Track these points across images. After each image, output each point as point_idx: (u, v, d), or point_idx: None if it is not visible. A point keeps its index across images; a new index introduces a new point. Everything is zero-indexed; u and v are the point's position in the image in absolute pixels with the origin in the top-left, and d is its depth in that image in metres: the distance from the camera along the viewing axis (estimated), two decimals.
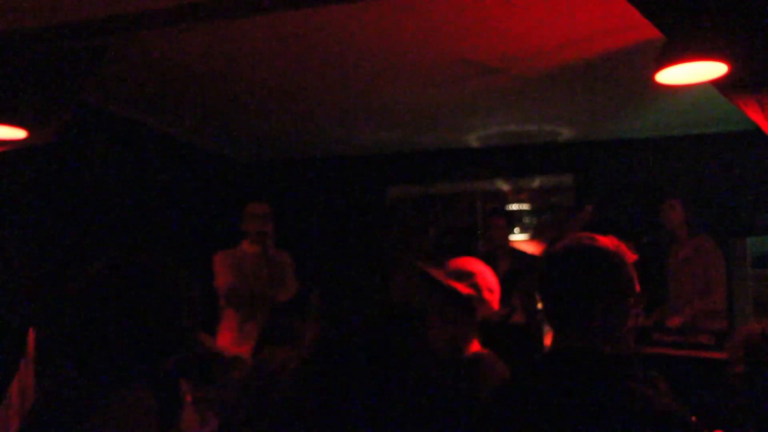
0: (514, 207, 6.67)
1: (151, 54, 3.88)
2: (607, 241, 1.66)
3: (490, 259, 5.14)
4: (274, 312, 4.44)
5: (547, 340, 5.63)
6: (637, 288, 1.68)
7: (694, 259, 4.81)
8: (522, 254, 5.13)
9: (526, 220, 6.68)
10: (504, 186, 6.65)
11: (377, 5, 3.15)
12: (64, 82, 3.16)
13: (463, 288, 2.17)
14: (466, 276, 2.21)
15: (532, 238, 6.61)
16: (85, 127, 4.61)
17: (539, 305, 5.16)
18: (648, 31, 2.87)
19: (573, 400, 1.51)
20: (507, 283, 4.91)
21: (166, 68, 4.14)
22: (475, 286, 2.19)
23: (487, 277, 2.25)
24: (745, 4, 2.48)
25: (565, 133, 6.13)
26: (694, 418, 1.52)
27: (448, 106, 5.16)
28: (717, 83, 2.72)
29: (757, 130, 2.82)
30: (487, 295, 2.20)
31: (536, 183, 6.59)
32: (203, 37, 3.64)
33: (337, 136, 6.13)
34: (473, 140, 6.30)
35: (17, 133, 3.19)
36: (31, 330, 3.36)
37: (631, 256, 1.69)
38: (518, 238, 6.57)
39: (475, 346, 2.20)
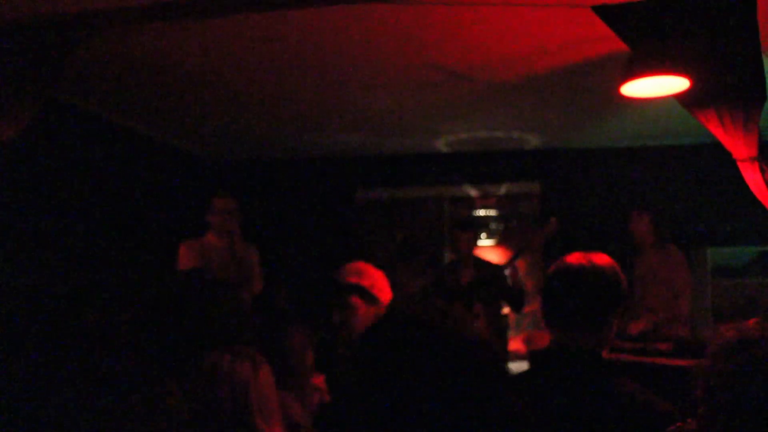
0: (481, 213, 6.73)
1: (122, 51, 3.84)
2: (606, 260, 1.90)
3: (454, 269, 5.22)
4: None
5: (511, 345, 5.70)
6: None
7: (660, 268, 4.92)
8: (485, 263, 5.21)
9: (493, 226, 6.75)
10: (472, 192, 6.70)
11: (348, 10, 3.17)
12: (33, 77, 3.12)
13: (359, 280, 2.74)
14: (360, 273, 2.79)
15: (498, 244, 6.68)
16: (52, 122, 4.54)
17: (504, 311, 5.24)
18: (615, 44, 2.93)
19: (578, 394, 1.79)
20: (470, 292, 4.99)
21: (136, 66, 4.11)
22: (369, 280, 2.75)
23: (377, 276, 2.81)
24: (705, 21, 2.55)
25: (533, 141, 6.20)
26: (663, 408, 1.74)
27: (418, 111, 5.19)
28: (679, 97, 2.79)
29: (718, 142, 2.90)
30: (376, 292, 2.73)
31: (503, 190, 6.65)
32: (175, 35, 3.61)
33: (306, 138, 6.12)
34: (442, 145, 6.34)
35: None
36: None
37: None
38: (485, 243, 6.63)
39: None
